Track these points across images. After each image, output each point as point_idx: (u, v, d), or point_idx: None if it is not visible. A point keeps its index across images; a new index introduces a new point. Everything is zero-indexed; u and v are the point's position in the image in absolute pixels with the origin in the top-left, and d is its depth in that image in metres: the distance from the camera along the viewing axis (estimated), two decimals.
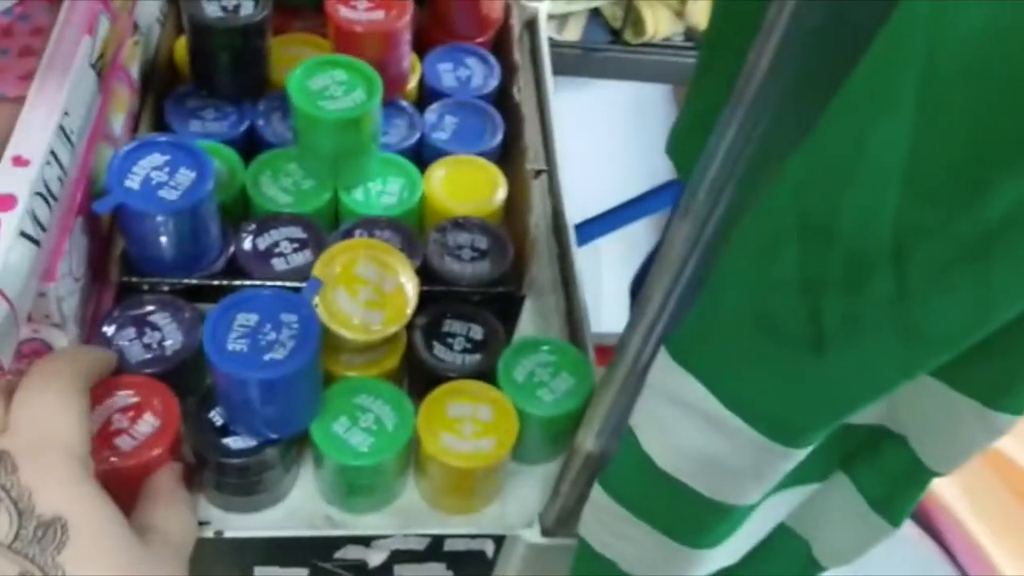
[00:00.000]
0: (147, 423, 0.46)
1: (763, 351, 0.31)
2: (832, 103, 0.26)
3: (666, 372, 0.34)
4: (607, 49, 0.91)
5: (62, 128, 0.45)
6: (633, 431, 0.38)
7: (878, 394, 0.31)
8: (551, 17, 0.89)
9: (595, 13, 0.92)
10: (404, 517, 0.51)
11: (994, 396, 0.35)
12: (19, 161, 0.43)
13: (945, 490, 0.95)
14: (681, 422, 0.35)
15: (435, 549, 0.50)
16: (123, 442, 0.45)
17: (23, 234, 0.41)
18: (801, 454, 0.34)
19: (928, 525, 0.97)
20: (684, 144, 0.47)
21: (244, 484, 0.48)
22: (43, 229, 0.43)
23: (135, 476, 0.45)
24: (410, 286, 0.49)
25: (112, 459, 0.44)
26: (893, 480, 0.41)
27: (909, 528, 0.97)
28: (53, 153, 0.44)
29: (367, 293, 0.48)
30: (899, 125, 0.25)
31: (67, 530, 0.35)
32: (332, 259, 0.48)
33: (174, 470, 0.46)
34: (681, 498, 0.37)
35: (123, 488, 0.43)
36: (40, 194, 0.43)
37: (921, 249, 0.26)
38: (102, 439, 0.45)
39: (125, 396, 0.46)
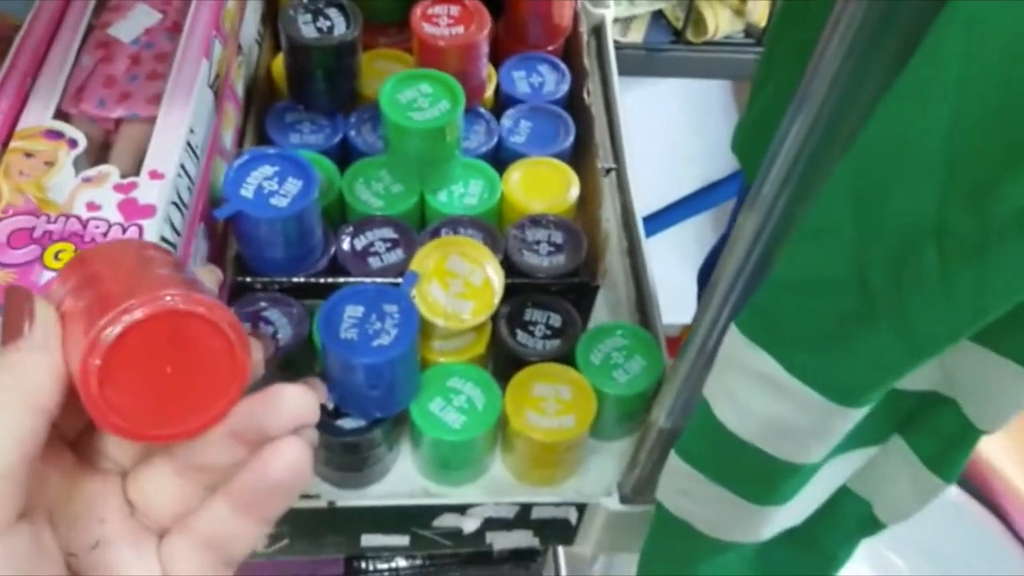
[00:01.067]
0: None
1: (823, 323, 0.35)
2: (882, 101, 0.30)
3: (736, 346, 0.39)
4: (670, 49, 0.94)
5: (189, 144, 0.51)
6: (707, 401, 0.42)
7: (927, 357, 0.35)
8: (615, 20, 0.93)
9: (658, 14, 0.96)
10: (494, 489, 0.56)
11: None
12: (155, 175, 0.49)
13: (1013, 472, 0.97)
14: (751, 390, 0.39)
15: (523, 517, 0.55)
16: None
17: (163, 239, 0.47)
18: (860, 413, 0.38)
19: (995, 506, 0.99)
20: (749, 140, 0.51)
21: (353, 460, 0.53)
22: (178, 234, 0.49)
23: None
24: (496, 279, 0.53)
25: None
26: (945, 440, 0.45)
27: (975, 508, 0.99)
28: (183, 166, 0.50)
29: (458, 286, 0.53)
30: (941, 115, 0.29)
31: None
32: (427, 256, 0.53)
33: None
34: (751, 459, 0.41)
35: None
36: (174, 203, 0.49)
37: (962, 226, 0.30)
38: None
39: None
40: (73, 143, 0.50)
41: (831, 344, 0.36)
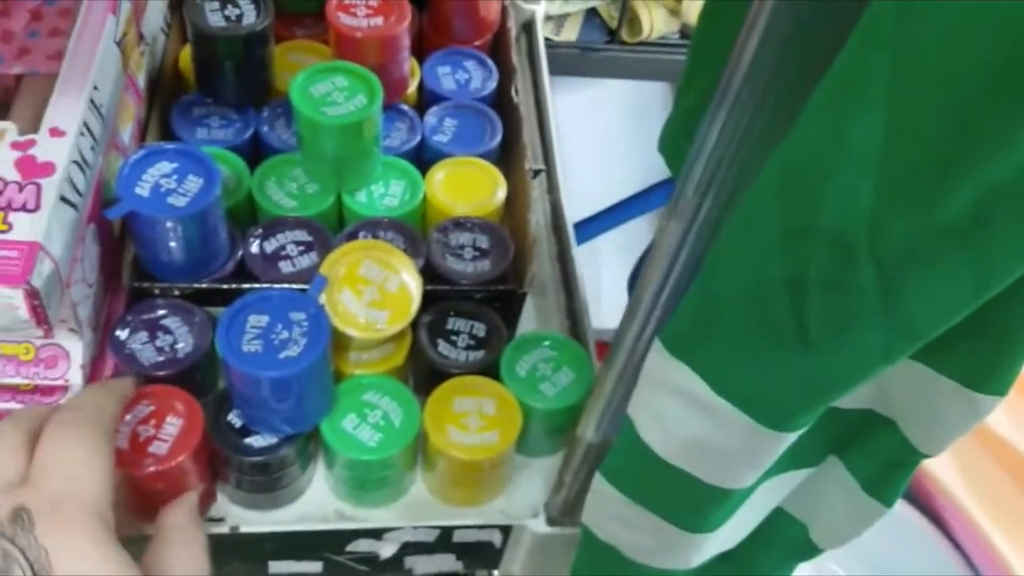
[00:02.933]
0: (171, 424, 0.47)
1: (750, 342, 0.33)
2: (810, 100, 0.27)
3: (660, 362, 0.36)
4: (604, 48, 0.92)
5: (92, 101, 0.48)
6: (631, 420, 0.39)
7: (863, 379, 0.32)
8: (548, 18, 0.90)
9: (592, 13, 0.93)
10: (414, 511, 0.52)
11: (977, 378, 0.36)
12: (56, 132, 0.46)
13: (948, 478, 0.96)
14: (676, 410, 0.36)
15: (445, 540, 0.52)
16: (157, 448, 0.46)
17: (63, 199, 0.44)
18: (792, 437, 0.35)
19: (932, 513, 0.99)
20: (675, 142, 0.48)
21: (265, 481, 0.49)
22: (80, 195, 0.46)
23: (176, 475, 0.46)
24: (413, 285, 0.50)
25: (151, 466, 0.45)
26: (884, 462, 0.42)
27: (912, 515, 0.99)
28: (86, 124, 0.47)
29: (371, 293, 0.49)
30: (873, 121, 0.26)
31: None
32: (337, 261, 0.50)
33: (189, 504, 0.45)
34: (678, 484, 0.38)
35: (169, 486, 0.46)
36: (76, 162, 0.46)
37: (896, 239, 0.27)
38: (136, 450, 0.46)
39: (143, 407, 0.47)
40: None
41: (759, 363, 0.33)
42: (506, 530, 0.52)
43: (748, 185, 0.32)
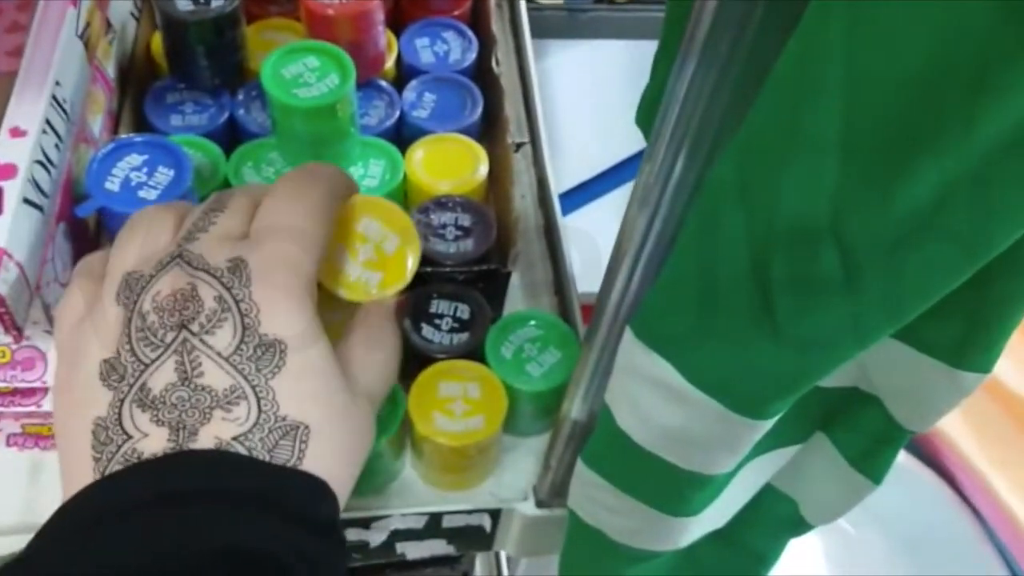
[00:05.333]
0: None
1: (719, 328, 0.32)
2: (764, 87, 0.26)
3: (632, 350, 0.35)
4: (593, 9, 0.90)
5: (55, 98, 0.47)
6: (608, 407, 0.38)
7: (834, 366, 0.31)
8: None
9: None
10: (402, 497, 0.52)
11: (959, 356, 0.35)
12: (16, 132, 0.45)
13: (957, 432, 0.95)
14: (651, 398, 0.35)
15: (434, 526, 0.51)
16: None
17: (26, 200, 0.43)
18: (768, 424, 0.34)
19: (940, 467, 0.98)
20: (651, 116, 0.46)
21: None
22: (45, 195, 0.45)
23: None
24: (410, 251, 0.47)
25: None
26: (870, 438, 0.41)
27: (920, 469, 0.98)
28: (48, 122, 0.46)
29: (367, 252, 0.47)
30: (830, 103, 0.25)
31: (285, 356, 0.34)
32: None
33: (385, 307, 0.44)
34: (658, 470, 0.37)
35: None
36: (39, 162, 0.45)
37: (860, 223, 0.26)
38: None
39: None
40: None
41: (730, 353, 0.32)
42: (495, 514, 0.51)
43: (709, 169, 0.31)
